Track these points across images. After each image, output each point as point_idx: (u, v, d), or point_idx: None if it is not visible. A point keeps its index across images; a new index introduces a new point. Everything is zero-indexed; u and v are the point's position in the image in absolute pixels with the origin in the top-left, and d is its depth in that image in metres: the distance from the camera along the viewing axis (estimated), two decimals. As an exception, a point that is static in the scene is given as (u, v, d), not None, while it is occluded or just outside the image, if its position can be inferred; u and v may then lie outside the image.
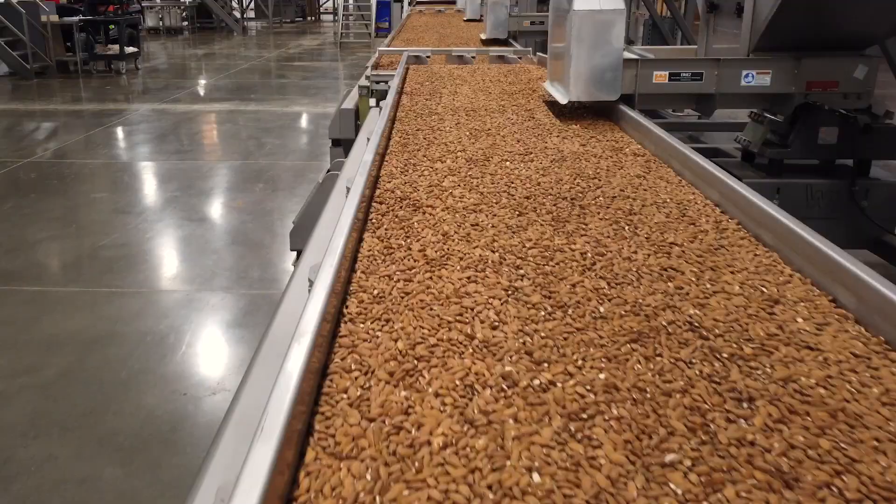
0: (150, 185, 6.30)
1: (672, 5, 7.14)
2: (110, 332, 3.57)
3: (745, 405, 0.96)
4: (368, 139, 2.25)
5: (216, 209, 5.64)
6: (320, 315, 1.04)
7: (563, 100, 2.73)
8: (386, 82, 4.16)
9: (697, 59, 3.00)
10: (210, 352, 3.50)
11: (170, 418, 2.86)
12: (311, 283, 1.19)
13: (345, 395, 0.95)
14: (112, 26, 13.14)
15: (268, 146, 7.52)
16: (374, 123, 2.63)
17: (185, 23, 21.77)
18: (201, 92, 11.18)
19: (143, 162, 7.04)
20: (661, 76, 2.71)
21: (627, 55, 2.73)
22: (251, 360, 1.11)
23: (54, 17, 12.44)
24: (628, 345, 1.10)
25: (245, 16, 23.89)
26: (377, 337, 1.10)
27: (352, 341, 1.09)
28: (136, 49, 13.56)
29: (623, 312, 1.20)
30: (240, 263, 4.47)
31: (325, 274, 1.17)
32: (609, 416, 0.92)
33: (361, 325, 1.14)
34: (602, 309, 1.21)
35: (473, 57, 4.75)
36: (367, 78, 4.31)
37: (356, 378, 0.99)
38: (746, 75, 2.70)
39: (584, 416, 0.92)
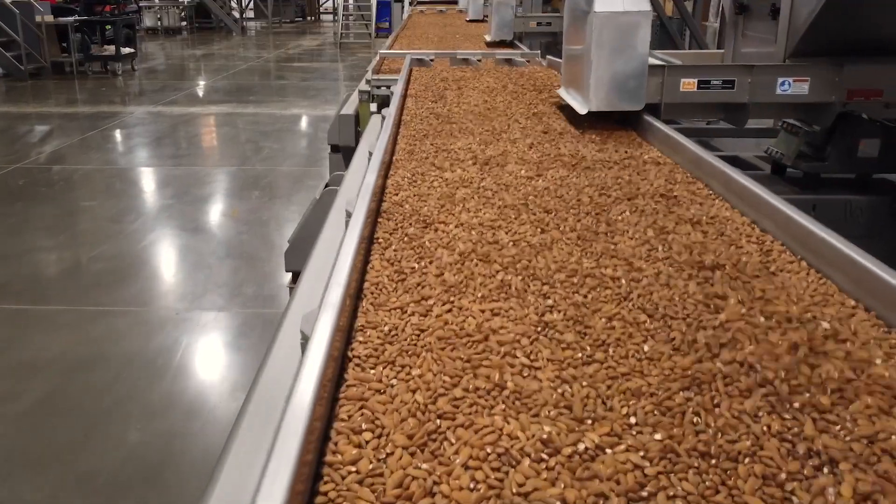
0: (142, 192, 6.08)
1: (681, 5, 6.93)
2: (94, 356, 3.36)
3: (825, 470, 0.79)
4: (371, 154, 2.04)
5: (211, 218, 5.42)
6: (316, 389, 0.83)
7: (581, 109, 2.52)
8: (388, 87, 3.97)
9: (729, 65, 2.77)
10: (201, 378, 3.28)
11: (155, 456, 2.64)
12: (305, 339, 0.99)
13: (353, 469, 0.78)
14: (108, 27, 12.92)
15: (265, 150, 7.31)
16: (376, 133, 2.49)
17: (184, 23, 21.59)
18: (198, 94, 10.97)
19: (136, 167, 6.83)
20: (689, 84, 2.50)
21: (653, 61, 2.51)
22: (232, 430, 0.90)
23: (49, 18, 12.24)
24: (681, 393, 0.93)
25: (244, 16, 23.71)
26: (392, 386, 0.94)
27: (361, 392, 0.92)
28: (132, 50, 13.35)
29: (670, 352, 1.03)
30: (234, 278, 4.25)
31: (320, 338, 0.94)
32: (673, 492, 0.76)
33: (372, 372, 0.98)
34: (646, 348, 1.04)
35: (479, 60, 4.54)
36: (368, 82, 4.11)
37: (367, 441, 0.83)
38: (782, 83, 2.48)
39: (645, 493, 0.76)
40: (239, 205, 5.67)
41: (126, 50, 13.01)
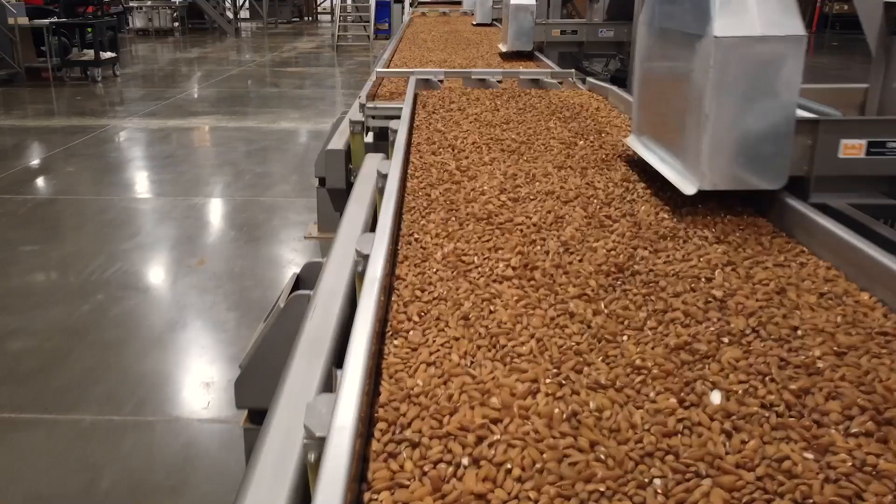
0: (94, 233, 5.04)
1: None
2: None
3: None
4: (367, 257, 1.23)
5: (171, 271, 4.45)
6: None
7: (687, 188, 1.63)
8: (386, 118, 3.13)
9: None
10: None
11: None
12: None
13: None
14: (89, 29, 12.01)
15: (247, 176, 6.40)
16: (367, 200, 1.90)
17: (176, 24, 20.72)
18: (181, 104, 10.05)
19: (93, 198, 5.87)
20: (853, 148, 1.60)
21: (800, 112, 1.61)
22: None
23: (23, 20, 11.36)
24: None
25: (238, 16, 22.85)
26: None
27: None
28: (114, 54, 12.44)
29: None
30: (191, 365, 3.34)
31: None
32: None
33: None
34: None
35: (499, 81, 3.66)
36: (362, 108, 3.25)
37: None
38: None
39: None
40: (207, 249, 4.76)
41: (107, 54, 12.11)
